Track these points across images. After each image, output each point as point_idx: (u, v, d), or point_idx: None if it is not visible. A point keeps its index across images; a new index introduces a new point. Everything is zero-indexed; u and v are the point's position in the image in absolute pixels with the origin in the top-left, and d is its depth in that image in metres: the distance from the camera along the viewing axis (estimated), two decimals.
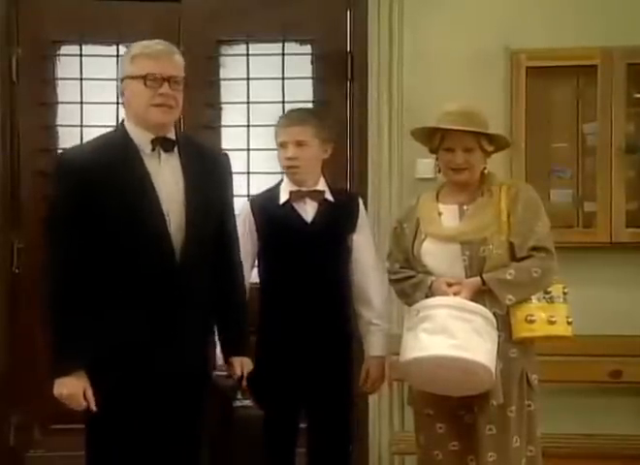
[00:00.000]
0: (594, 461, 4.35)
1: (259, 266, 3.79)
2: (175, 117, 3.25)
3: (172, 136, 3.24)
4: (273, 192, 3.78)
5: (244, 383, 3.32)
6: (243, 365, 3.34)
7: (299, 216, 3.69)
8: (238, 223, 3.66)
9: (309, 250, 3.64)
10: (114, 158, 3.13)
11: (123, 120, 3.28)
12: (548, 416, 3.59)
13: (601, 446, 4.42)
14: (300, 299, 3.63)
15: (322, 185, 3.74)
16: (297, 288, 3.64)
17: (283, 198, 3.71)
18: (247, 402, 3.35)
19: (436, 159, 3.62)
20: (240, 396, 3.33)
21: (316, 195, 3.71)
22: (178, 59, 3.23)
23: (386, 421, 4.78)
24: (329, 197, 3.73)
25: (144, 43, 3.24)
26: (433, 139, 3.58)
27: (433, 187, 3.71)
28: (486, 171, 3.58)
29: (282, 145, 3.71)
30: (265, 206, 3.75)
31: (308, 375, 3.64)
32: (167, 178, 3.16)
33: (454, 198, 3.58)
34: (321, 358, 3.64)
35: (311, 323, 3.63)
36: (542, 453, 3.55)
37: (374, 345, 3.74)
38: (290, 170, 3.71)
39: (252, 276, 3.78)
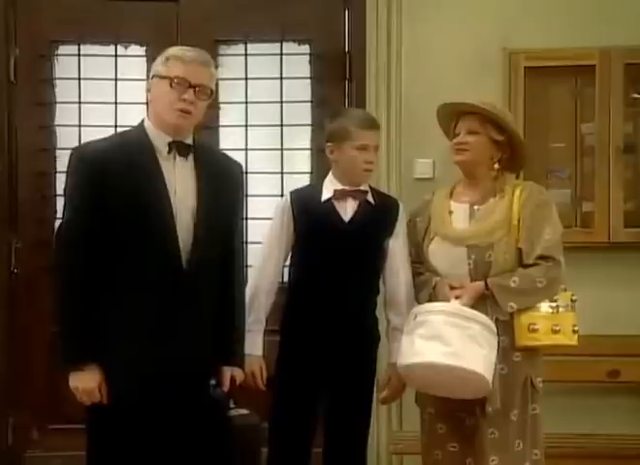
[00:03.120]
0: (592, 461, 4.35)
1: (291, 263, 3.76)
2: (191, 123, 3.26)
3: (189, 141, 3.27)
4: (315, 188, 3.76)
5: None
6: (234, 377, 3.33)
7: (338, 215, 3.66)
8: (275, 215, 3.70)
9: (345, 249, 3.61)
10: (130, 156, 3.16)
11: (143, 119, 3.30)
12: (546, 415, 3.59)
13: (599, 445, 4.42)
14: (329, 298, 3.60)
15: (365, 186, 3.73)
16: (328, 286, 3.61)
17: (326, 195, 3.69)
18: (243, 411, 3.35)
19: None
20: (233, 406, 3.33)
21: (360, 195, 3.68)
22: (211, 71, 3.27)
23: (385, 421, 4.78)
24: (370, 198, 3.71)
25: (182, 47, 3.28)
26: (451, 127, 3.61)
27: (449, 183, 3.70)
28: (496, 167, 3.56)
29: (363, 148, 3.63)
30: (305, 202, 3.71)
31: (332, 373, 3.62)
32: (180, 181, 3.19)
33: (466, 196, 3.57)
34: (346, 358, 3.62)
35: (338, 322, 3.60)
36: None
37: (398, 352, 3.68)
38: (368, 173, 3.68)
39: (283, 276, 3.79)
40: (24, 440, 4.97)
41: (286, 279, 3.78)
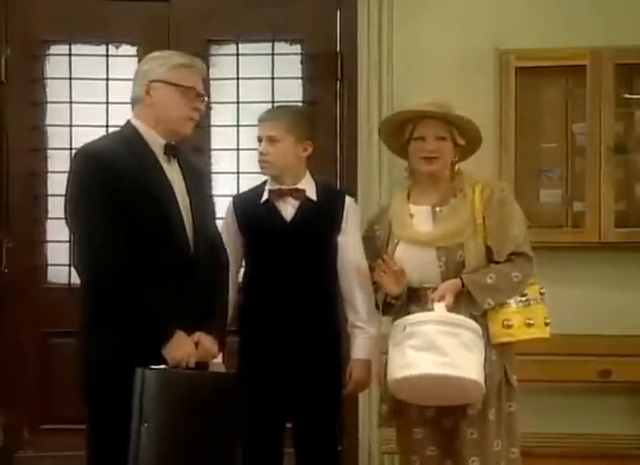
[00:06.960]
0: (584, 461, 4.34)
1: (245, 265, 3.76)
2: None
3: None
4: (257, 191, 3.74)
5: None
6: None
7: (279, 215, 3.65)
8: (222, 222, 3.69)
9: (289, 249, 3.60)
10: (136, 159, 3.16)
11: (130, 120, 3.27)
12: (537, 415, 3.61)
13: (591, 445, 4.42)
14: (281, 299, 3.59)
15: (305, 184, 3.68)
16: (277, 287, 3.60)
17: (265, 196, 3.69)
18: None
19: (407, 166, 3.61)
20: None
21: (297, 193, 3.66)
22: None
23: (376, 420, 4.76)
24: (312, 196, 3.67)
25: (183, 55, 3.29)
26: (404, 131, 3.55)
27: (404, 186, 3.67)
28: (457, 168, 3.55)
29: (259, 140, 3.68)
30: (246, 205, 3.72)
31: (292, 377, 3.59)
32: (176, 181, 3.23)
33: (425, 198, 3.54)
34: (304, 359, 3.59)
35: (292, 324, 3.58)
36: (531, 453, 3.54)
37: (358, 348, 3.68)
38: (261, 164, 3.69)
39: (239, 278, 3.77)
40: (16, 440, 4.97)
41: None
